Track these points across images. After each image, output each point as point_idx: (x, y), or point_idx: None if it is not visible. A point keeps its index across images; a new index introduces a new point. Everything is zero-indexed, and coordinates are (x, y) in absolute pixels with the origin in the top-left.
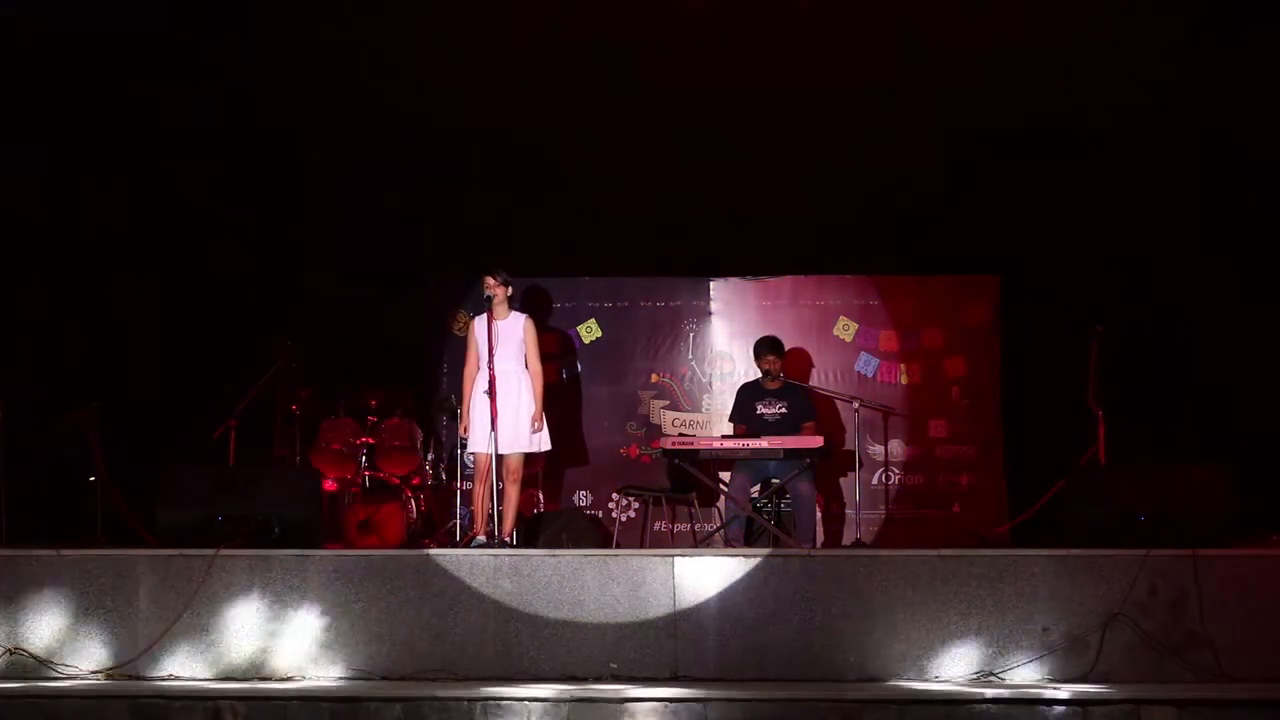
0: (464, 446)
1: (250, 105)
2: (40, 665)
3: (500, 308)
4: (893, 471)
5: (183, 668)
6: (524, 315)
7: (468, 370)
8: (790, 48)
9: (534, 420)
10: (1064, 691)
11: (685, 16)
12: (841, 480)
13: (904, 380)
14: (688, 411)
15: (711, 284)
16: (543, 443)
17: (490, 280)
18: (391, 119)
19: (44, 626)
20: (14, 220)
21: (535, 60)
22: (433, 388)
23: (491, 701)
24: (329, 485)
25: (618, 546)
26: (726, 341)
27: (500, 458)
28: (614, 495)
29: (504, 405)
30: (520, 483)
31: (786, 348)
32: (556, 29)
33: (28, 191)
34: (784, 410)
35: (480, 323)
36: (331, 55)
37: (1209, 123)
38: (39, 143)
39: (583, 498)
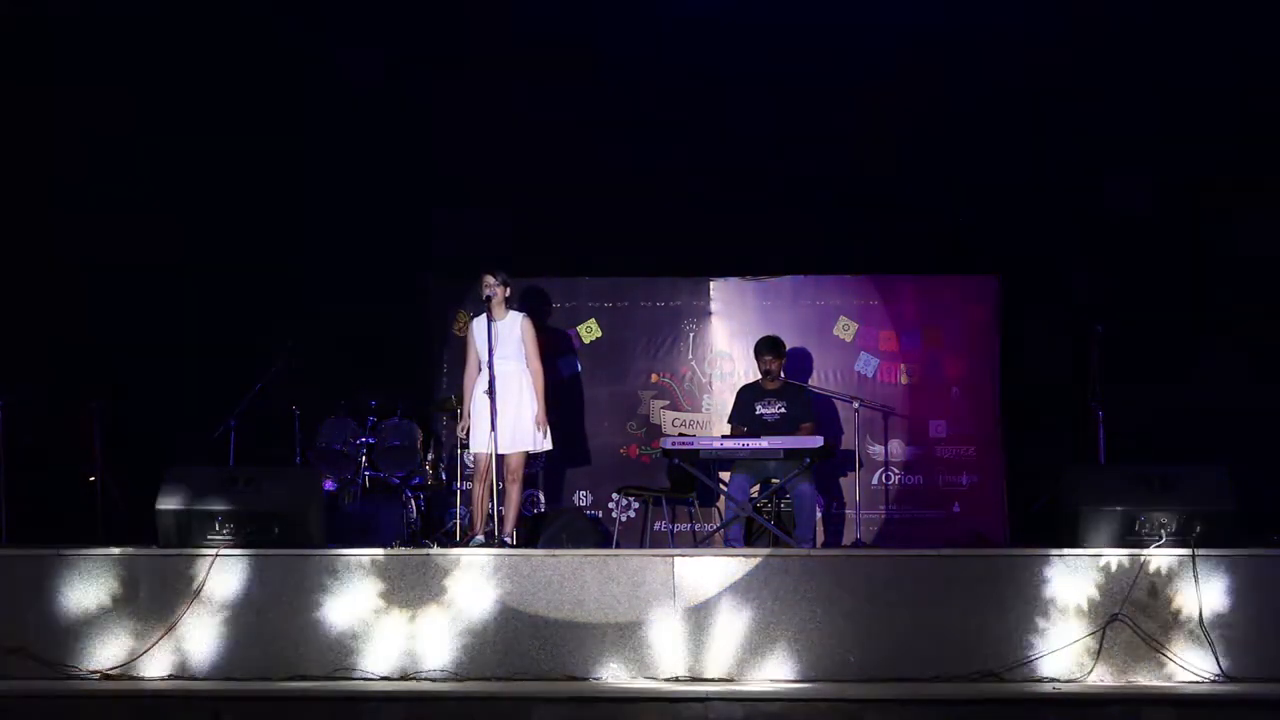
0: (465, 447)
1: (250, 105)
2: (40, 665)
3: (499, 308)
4: (893, 471)
5: (183, 668)
6: (522, 314)
7: (468, 371)
8: (788, 47)
9: (538, 421)
10: (1064, 691)
11: (685, 19)
12: (841, 480)
13: (904, 380)
14: (688, 411)
15: (711, 284)
16: (544, 442)
17: (489, 279)
18: (392, 118)
19: (44, 626)
20: (14, 220)
21: (536, 61)
22: (433, 388)
23: (491, 701)
24: (329, 485)
25: (618, 546)
26: (726, 341)
27: (500, 457)
28: (614, 495)
29: (504, 405)
30: (521, 482)
31: (787, 348)
32: (555, 29)
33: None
34: (782, 410)
35: (479, 323)
36: (331, 55)
37: (1208, 123)
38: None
39: (583, 498)
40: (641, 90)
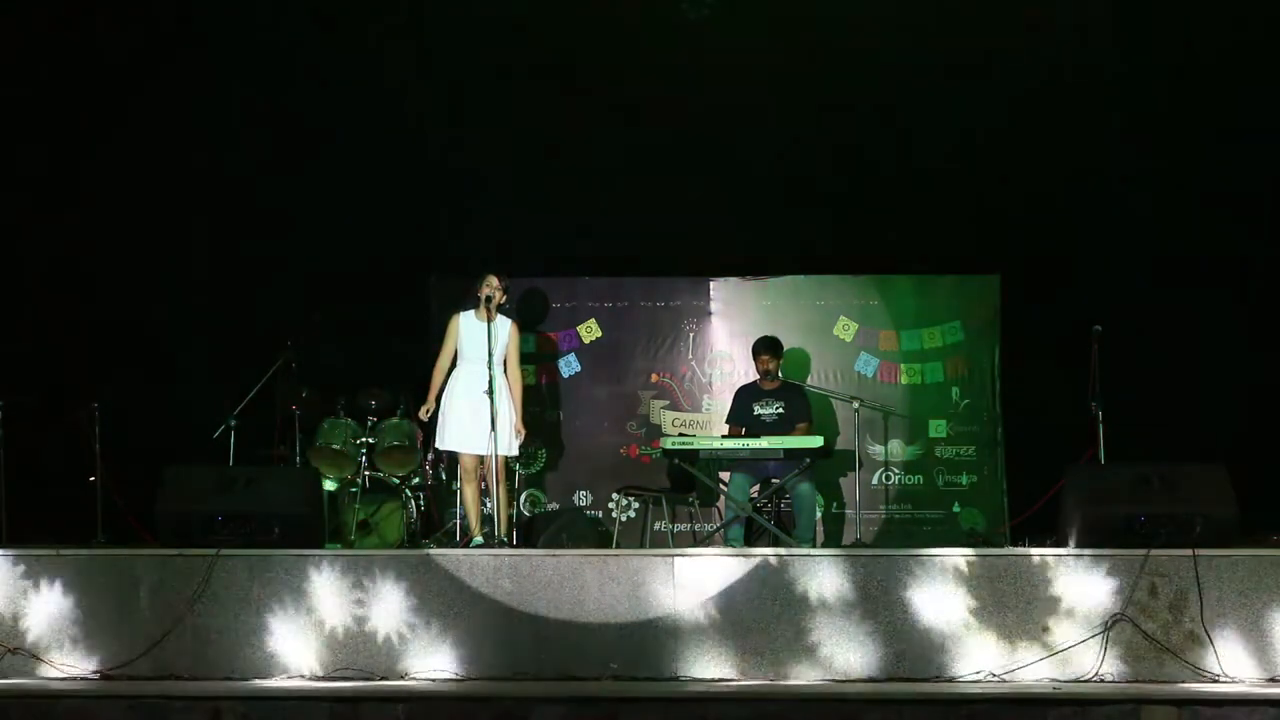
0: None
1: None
2: (40, 665)
3: (493, 309)
4: (893, 471)
5: (183, 668)
6: (509, 321)
7: (441, 363)
8: (783, 49)
9: (515, 427)
10: (1064, 691)
11: (684, 21)
12: (841, 480)
13: (904, 380)
14: (688, 411)
15: (711, 284)
16: (514, 447)
17: (495, 281)
18: (392, 118)
19: (44, 626)
20: (12, 220)
21: (534, 62)
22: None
23: (491, 701)
24: (329, 485)
25: (618, 546)
26: (726, 341)
27: (483, 459)
28: (614, 495)
29: (484, 407)
30: (506, 483)
31: (786, 347)
32: (555, 29)
33: (25, 191)
34: (781, 410)
35: (468, 319)
36: (331, 54)
37: (1214, 121)
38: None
39: (583, 498)
40: (642, 91)
